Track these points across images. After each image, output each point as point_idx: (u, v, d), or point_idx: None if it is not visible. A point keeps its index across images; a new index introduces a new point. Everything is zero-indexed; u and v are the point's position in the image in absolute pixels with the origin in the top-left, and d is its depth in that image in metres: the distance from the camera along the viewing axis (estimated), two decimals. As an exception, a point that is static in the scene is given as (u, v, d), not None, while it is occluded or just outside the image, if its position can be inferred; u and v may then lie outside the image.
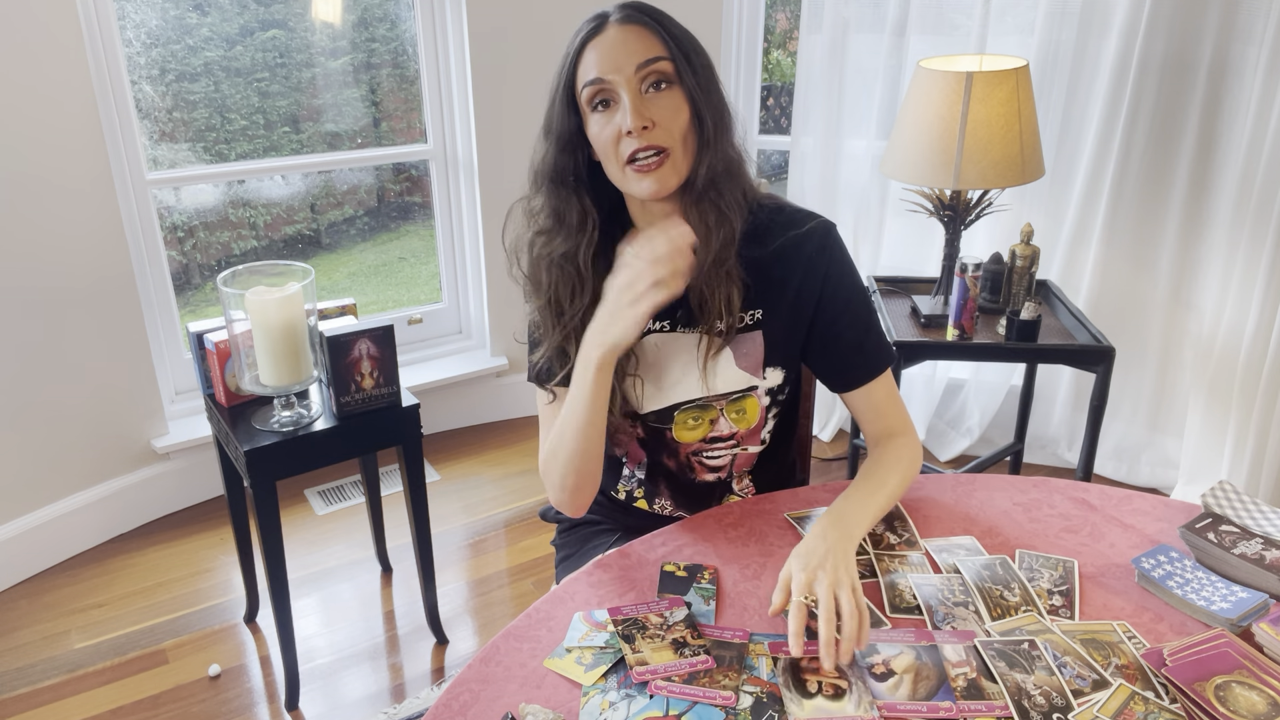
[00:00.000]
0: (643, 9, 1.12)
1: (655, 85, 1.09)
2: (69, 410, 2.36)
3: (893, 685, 0.93)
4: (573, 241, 1.17)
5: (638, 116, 1.07)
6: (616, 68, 1.08)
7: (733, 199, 1.15)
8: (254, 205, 2.84)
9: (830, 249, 1.19)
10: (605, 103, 1.10)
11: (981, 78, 1.96)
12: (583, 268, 1.17)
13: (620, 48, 1.08)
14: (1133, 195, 2.50)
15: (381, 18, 2.76)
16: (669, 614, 1.03)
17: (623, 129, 1.08)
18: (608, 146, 1.11)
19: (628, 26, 1.10)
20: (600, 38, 1.10)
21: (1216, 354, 2.43)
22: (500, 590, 2.31)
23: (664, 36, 1.10)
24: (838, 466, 2.81)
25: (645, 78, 1.09)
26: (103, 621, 2.20)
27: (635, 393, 1.23)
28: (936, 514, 1.23)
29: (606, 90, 1.09)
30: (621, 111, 1.08)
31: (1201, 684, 0.89)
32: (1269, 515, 1.14)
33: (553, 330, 1.20)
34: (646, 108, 1.08)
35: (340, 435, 1.81)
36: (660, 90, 1.09)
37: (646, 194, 1.11)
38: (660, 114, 1.09)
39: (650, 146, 1.08)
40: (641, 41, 1.09)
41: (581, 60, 1.11)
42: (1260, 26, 2.24)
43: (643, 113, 1.07)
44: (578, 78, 1.11)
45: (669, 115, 1.09)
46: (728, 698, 0.92)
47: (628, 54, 1.08)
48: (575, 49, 1.12)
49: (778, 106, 3.21)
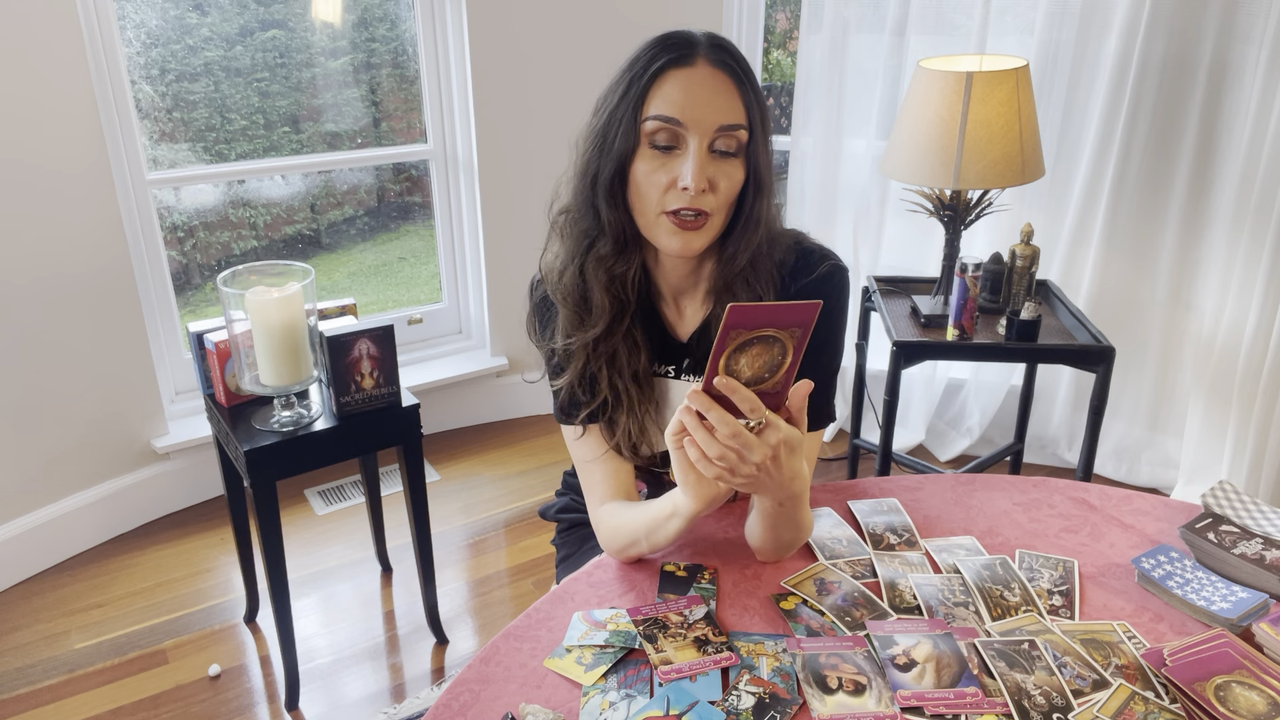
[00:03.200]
0: (734, 55, 1.05)
1: (725, 151, 1.04)
2: (69, 410, 2.36)
3: (916, 675, 0.93)
4: (625, 263, 1.12)
5: (700, 178, 1.01)
6: (696, 118, 1.01)
7: (766, 275, 1.12)
8: (254, 205, 2.84)
9: (832, 290, 1.15)
10: (668, 145, 1.03)
11: (981, 78, 1.96)
12: (629, 293, 1.13)
13: (706, 96, 1.02)
14: (1133, 195, 2.50)
15: (381, 18, 2.76)
16: (689, 612, 1.04)
17: (680, 183, 1.02)
18: (652, 189, 1.04)
19: (718, 72, 1.03)
20: (687, 72, 1.02)
21: (1216, 354, 2.43)
22: (500, 590, 2.31)
23: (750, 101, 1.04)
24: (838, 467, 2.81)
25: (719, 139, 1.03)
26: (103, 621, 2.20)
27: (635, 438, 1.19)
28: (936, 514, 1.23)
29: (676, 134, 1.02)
30: (685, 164, 1.02)
31: (1201, 684, 0.89)
32: (1269, 515, 1.14)
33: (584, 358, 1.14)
34: (709, 168, 1.03)
35: (340, 435, 1.81)
36: (727, 157, 1.04)
37: (674, 250, 1.06)
38: (720, 180, 1.04)
39: (696, 209, 1.03)
40: (729, 100, 1.03)
41: (658, 87, 1.02)
42: (1260, 27, 2.24)
43: (705, 174, 1.02)
44: (648, 104, 1.03)
45: (726, 184, 1.04)
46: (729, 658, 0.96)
47: (713, 108, 1.02)
48: (655, 70, 1.03)
49: (778, 106, 3.22)
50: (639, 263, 1.13)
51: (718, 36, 1.06)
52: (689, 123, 1.02)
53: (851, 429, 2.63)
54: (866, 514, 1.22)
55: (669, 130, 1.02)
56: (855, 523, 1.21)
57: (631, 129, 1.04)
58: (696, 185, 1.01)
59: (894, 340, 2.10)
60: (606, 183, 1.07)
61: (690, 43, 1.04)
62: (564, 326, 1.15)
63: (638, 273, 1.14)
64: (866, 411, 2.81)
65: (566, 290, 1.13)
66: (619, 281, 1.12)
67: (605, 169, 1.07)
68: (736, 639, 1.00)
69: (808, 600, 1.06)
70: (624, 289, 1.13)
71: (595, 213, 1.10)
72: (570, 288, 1.13)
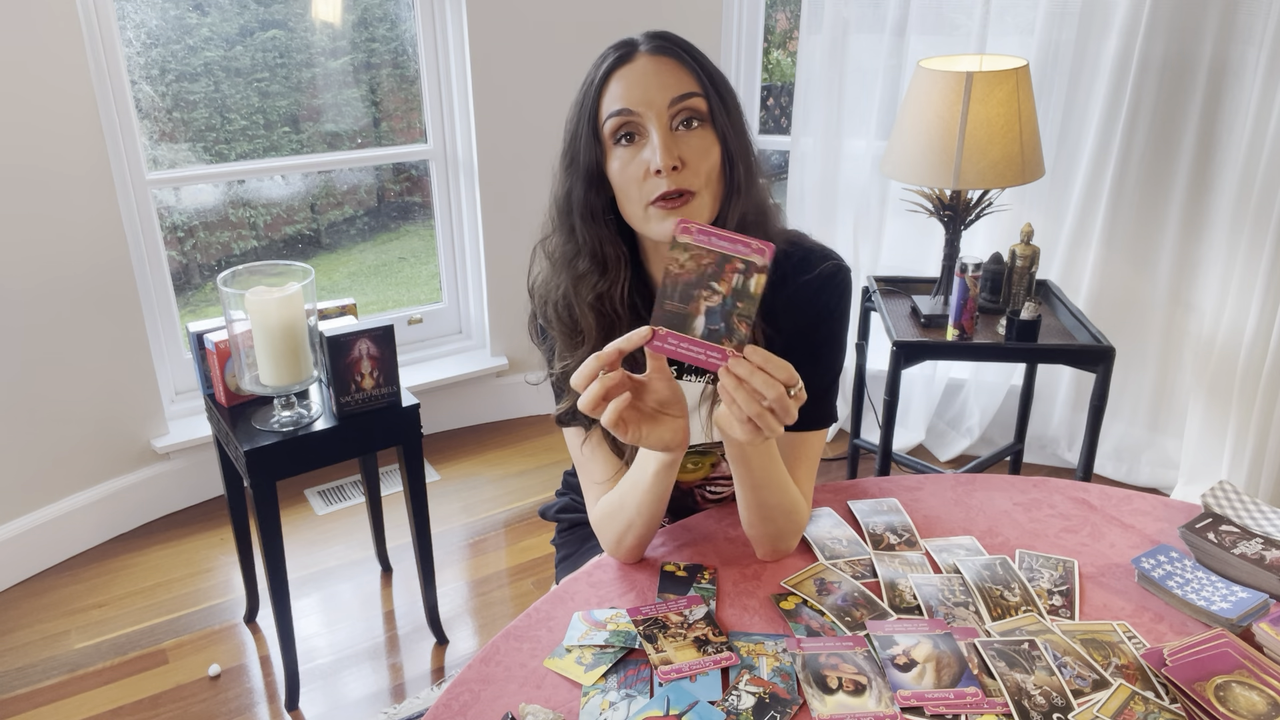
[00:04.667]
0: (674, 40, 1.05)
1: (686, 123, 1.02)
2: (69, 410, 2.36)
3: (917, 675, 0.93)
4: (608, 281, 1.10)
5: (668, 155, 1.00)
6: (646, 101, 1.01)
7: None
8: (254, 205, 2.84)
9: (835, 290, 1.15)
10: (630, 136, 1.03)
11: (981, 78, 1.96)
12: (620, 308, 1.11)
13: (651, 79, 1.02)
14: (1133, 195, 2.50)
15: (381, 18, 2.76)
16: (689, 612, 1.04)
17: (650, 167, 1.01)
18: (630, 184, 1.03)
19: (659, 58, 1.03)
20: (628, 67, 1.03)
21: (1216, 354, 2.43)
22: (500, 590, 2.31)
23: (697, 71, 1.03)
24: (838, 467, 2.81)
25: (677, 114, 1.02)
26: (103, 621, 2.20)
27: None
28: (936, 514, 1.23)
29: (633, 123, 1.02)
30: (650, 148, 1.01)
31: (1201, 684, 0.89)
32: (1269, 515, 1.14)
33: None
34: (676, 146, 1.01)
35: (340, 435, 1.81)
36: (691, 129, 1.03)
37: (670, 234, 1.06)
38: (690, 154, 1.02)
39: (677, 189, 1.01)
40: (674, 75, 1.02)
41: (606, 90, 1.03)
42: (1260, 27, 2.24)
43: (673, 151, 1.01)
44: (601, 108, 1.03)
45: (699, 156, 1.03)
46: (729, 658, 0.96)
47: (660, 86, 1.01)
48: (600, 77, 1.04)
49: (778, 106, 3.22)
50: (625, 278, 1.12)
51: (658, 30, 1.07)
52: (640, 107, 1.01)
53: (851, 429, 2.63)
54: (866, 514, 1.22)
55: (626, 121, 1.02)
56: (855, 523, 1.21)
57: (592, 139, 1.04)
58: (666, 163, 1.00)
59: (894, 340, 2.10)
60: (581, 200, 1.07)
61: (629, 42, 1.05)
62: (559, 350, 1.15)
63: (625, 288, 1.12)
64: (866, 411, 2.81)
65: (556, 314, 1.13)
66: (605, 299, 1.11)
67: (577, 187, 1.07)
68: (736, 639, 1.00)
69: (808, 600, 1.06)
70: (612, 306, 1.11)
71: (572, 232, 1.10)
72: (560, 311, 1.13)
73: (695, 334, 0.90)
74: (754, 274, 0.88)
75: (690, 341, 0.90)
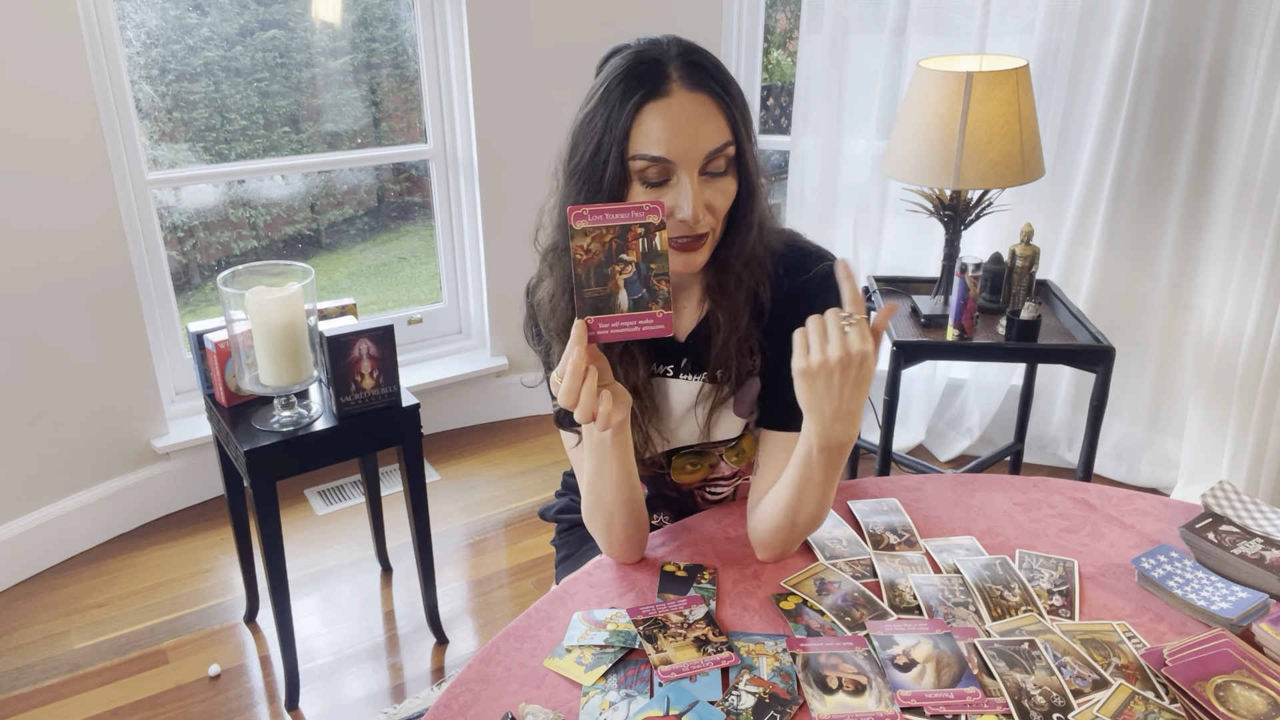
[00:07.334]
0: (709, 69, 1.02)
1: (716, 171, 1.02)
2: (69, 410, 2.36)
3: (916, 675, 0.93)
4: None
5: (699, 206, 1.00)
6: (683, 151, 0.99)
7: (762, 272, 1.12)
8: (254, 205, 2.84)
9: (832, 290, 1.13)
10: (659, 178, 1.01)
11: (981, 78, 1.96)
12: None
13: (690, 127, 0.99)
14: (1133, 195, 2.50)
15: (381, 18, 2.76)
16: (688, 612, 1.04)
17: (678, 215, 1.01)
18: None
19: (696, 96, 1.00)
20: (665, 103, 0.99)
21: (1216, 354, 2.43)
22: (500, 590, 2.31)
23: (731, 116, 1.02)
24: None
25: (710, 164, 1.01)
26: (103, 621, 2.20)
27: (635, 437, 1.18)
28: (936, 514, 1.23)
29: (666, 169, 1.00)
30: (679, 194, 1.00)
31: (1201, 684, 0.89)
32: (1269, 515, 1.14)
33: None
34: (704, 193, 1.02)
35: (340, 435, 1.81)
36: (720, 176, 1.03)
37: (678, 269, 1.06)
38: (716, 199, 1.03)
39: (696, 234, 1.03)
40: (711, 121, 1.00)
41: (640, 123, 1.00)
42: (1260, 27, 2.24)
43: (702, 201, 1.01)
44: (633, 142, 1.00)
45: (723, 200, 1.04)
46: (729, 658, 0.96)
47: (697, 137, 0.99)
48: (632, 106, 0.99)
49: (778, 106, 3.22)
50: None
51: (687, 48, 1.03)
52: (677, 158, 1.00)
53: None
54: (866, 514, 1.22)
55: (658, 167, 1.00)
56: (855, 523, 1.21)
57: (619, 171, 1.01)
58: (695, 217, 1.00)
59: (894, 340, 2.10)
60: None
61: (661, 68, 1.00)
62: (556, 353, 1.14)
63: None
64: (866, 411, 2.81)
65: (560, 324, 1.12)
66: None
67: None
68: (736, 639, 1.00)
69: (808, 600, 1.06)
70: None
71: None
72: (564, 321, 1.11)
73: (623, 309, 0.92)
74: (655, 233, 0.91)
75: (620, 318, 0.92)
